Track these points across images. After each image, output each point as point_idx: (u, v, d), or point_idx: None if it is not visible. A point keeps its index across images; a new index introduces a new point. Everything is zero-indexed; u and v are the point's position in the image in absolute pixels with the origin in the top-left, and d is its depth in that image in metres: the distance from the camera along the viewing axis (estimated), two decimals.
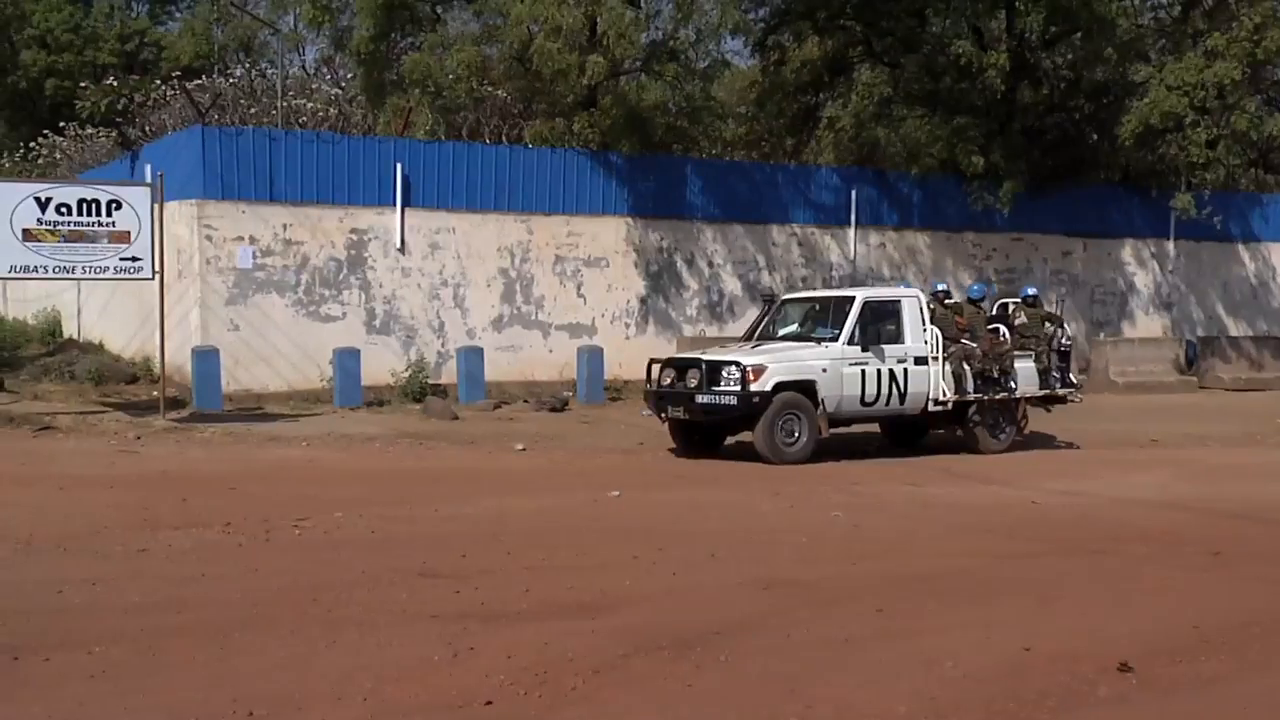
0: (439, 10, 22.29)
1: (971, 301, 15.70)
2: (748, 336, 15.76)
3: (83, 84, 27.53)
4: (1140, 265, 26.31)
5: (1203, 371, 24.33)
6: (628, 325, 21.00)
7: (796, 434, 13.78)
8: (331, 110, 23.37)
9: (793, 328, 15.33)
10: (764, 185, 22.59)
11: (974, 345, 14.87)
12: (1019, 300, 16.23)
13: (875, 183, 23.59)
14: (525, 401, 18.59)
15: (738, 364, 13.76)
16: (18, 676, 5.69)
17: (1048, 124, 25.33)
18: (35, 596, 7.15)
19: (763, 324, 15.65)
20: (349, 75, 24.19)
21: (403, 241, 19.07)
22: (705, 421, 14.22)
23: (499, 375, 19.16)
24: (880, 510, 11.02)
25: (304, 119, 22.48)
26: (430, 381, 18.60)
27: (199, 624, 6.56)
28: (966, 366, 14.71)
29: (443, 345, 19.33)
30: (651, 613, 7.06)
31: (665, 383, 14.43)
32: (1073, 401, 16.10)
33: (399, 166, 18.95)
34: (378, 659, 6.02)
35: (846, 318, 14.32)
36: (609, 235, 20.80)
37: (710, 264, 21.75)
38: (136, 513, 9.73)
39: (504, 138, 22.11)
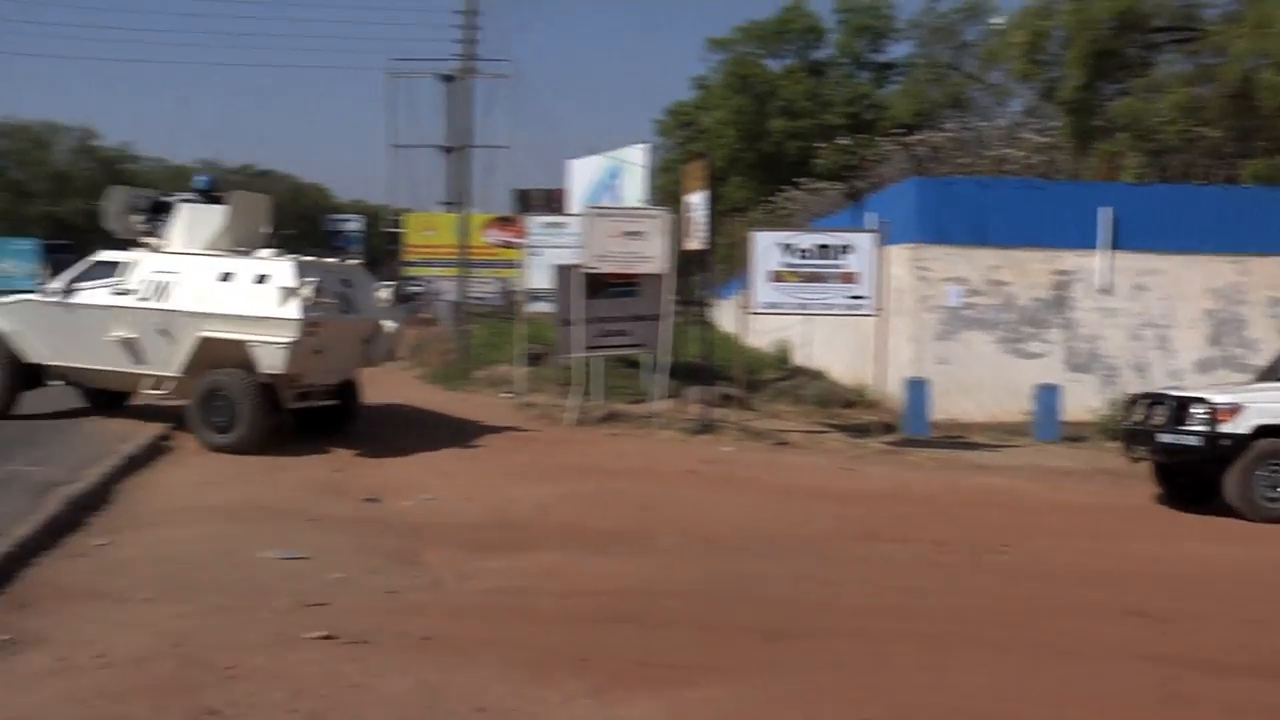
0: (1148, 54, 21.13)
1: None
2: (1263, 376, 12.87)
3: (817, 144, 29.72)
4: None
5: None
6: None
7: None
8: (1037, 158, 23.01)
9: None
10: None
11: None
12: None
13: None
14: None
15: (1205, 401, 11.30)
16: (768, 655, 6.25)
17: None
18: (781, 587, 7.81)
19: None
20: (1053, 123, 23.70)
21: (1106, 282, 18.29)
22: (1169, 464, 11.82)
23: None
24: None
25: (1012, 167, 22.36)
26: None
27: (916, 633, 6.76)
28: None
29: (1145, 385, 18.18)
30: None
31: (1137, 419, 12.17)
32: None
33: (1106, 210, 18.20)
34: (1083, 692, 5.82)
35: None
36: None
37: None
38: (858, 524, 10.26)
39: (1216, 178, 20.35)
